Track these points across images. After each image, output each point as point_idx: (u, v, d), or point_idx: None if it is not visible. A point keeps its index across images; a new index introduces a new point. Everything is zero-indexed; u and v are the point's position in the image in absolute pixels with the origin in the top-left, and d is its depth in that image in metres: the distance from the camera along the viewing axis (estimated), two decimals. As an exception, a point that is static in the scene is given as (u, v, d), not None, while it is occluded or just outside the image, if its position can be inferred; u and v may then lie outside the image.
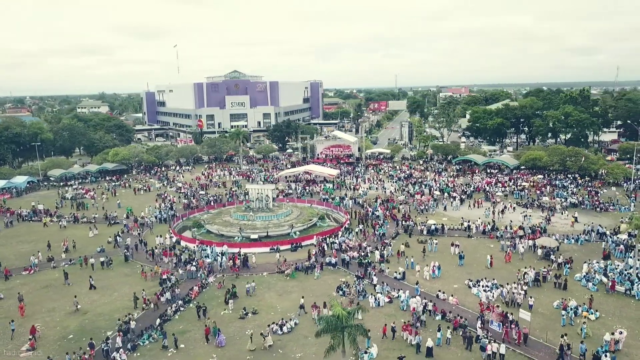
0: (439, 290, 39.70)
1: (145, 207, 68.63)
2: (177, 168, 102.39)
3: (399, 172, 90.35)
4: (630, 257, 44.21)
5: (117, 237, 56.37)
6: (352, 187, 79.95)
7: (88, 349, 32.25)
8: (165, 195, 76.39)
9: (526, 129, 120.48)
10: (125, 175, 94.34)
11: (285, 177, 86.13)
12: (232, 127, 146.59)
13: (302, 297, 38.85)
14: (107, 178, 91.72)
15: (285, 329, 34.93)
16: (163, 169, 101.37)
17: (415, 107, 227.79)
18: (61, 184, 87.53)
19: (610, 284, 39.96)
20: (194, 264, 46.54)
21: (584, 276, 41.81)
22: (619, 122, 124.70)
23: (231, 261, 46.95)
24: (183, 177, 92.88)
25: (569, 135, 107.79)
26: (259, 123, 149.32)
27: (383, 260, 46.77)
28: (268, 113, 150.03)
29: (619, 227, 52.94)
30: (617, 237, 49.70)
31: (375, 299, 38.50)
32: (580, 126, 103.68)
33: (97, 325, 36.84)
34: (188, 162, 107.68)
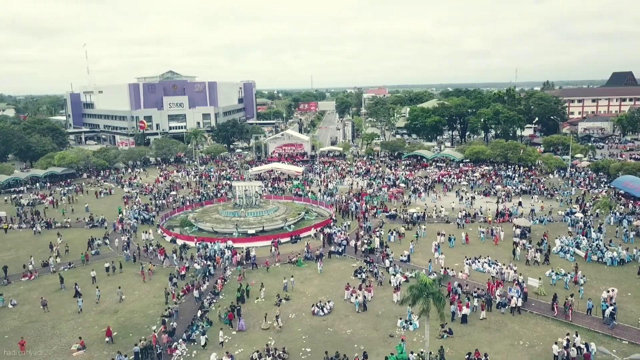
0: (448, 268, 44.23)
1: (116, 209, 67.69)
2: (129, 171, 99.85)
3: (355, 168, 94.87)
4: (594, 231, 51.61)
5: (106, 240, 55.59)
6: (319, 183, 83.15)
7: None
8: (131, 196, 75.31)
9: (458, 126, 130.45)
10: (72, 180, 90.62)
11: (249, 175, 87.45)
12: (170, 128, 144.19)
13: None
14: (61, 183, 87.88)
15: (325, 310, 37.58)
16: (114, 171, 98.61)
17: (344, 107, 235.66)
18: (11, 190, 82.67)
19: (584, 254, 46.70)
20: (201, 260, 47.63)
21: (561, 249, 48.35)
22: (535, 119, 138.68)
23: (236, 255, 48.42)
24: (140, 179, 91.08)
25: (498, 131, 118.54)
26: (199, 124, 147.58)
27: (383, 245, 50.54)
28: (208, 113, 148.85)
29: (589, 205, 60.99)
30: (575, 216, 57.36)
31: (396, 279, 42.10)
32: (509, 122, 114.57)
33: (135, 321, 37.21)
34: (135, 165, 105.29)
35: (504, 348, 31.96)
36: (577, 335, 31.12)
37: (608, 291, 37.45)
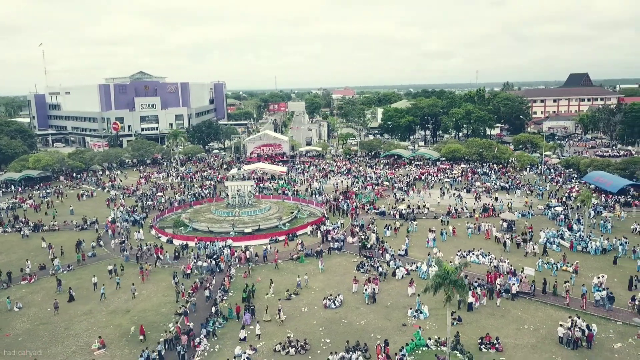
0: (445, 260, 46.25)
1: (100, 211, 67.49)
2: (107, 173, 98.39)
3: (337, 167, 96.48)
4: (575, 223, 54.88)
5: (100, 242, 55.25)
6: (303, 182, 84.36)
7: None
8: (115, 198, 74.71)
9: (430, 125, 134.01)
10: (49, 183, 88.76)
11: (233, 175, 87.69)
12: (142, 129, 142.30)
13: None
14: (37, 187, 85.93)
15: (336, 302, 38.91)
16: (91, 173, 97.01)
17: (313, 108, 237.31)
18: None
19: (569, 245, 49.72)
20: (205, 258, 48.22)
21: (547, 240, 51.25)
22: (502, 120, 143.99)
23: (245, 253, 49.21)
24: (121, 181, 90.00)
25: (469, 131, 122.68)
26: (171, 125, 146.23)
27: (379, 241, 52.23)
28: (181, 114, 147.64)
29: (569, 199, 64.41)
30: (555, 210, 60.66)
31: (400, 271, 43.82)
32: (480, 122, 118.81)
33: (150, 320, 37.53)
34: (111, 167, 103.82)
35: (511, 332, 34.08)
36: (579, 318, 33.53)
37: (598, 277, 40.29)
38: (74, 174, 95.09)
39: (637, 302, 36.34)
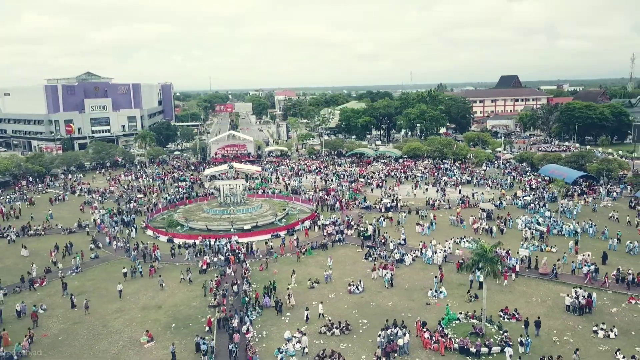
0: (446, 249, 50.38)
1: (78, 214, 67.05)
2: (70, 176, 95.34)
3: (306, 166, 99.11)
4: (547, 210, 61.04)
5: (98, 244, 54.84)
6: (277, 181, 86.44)
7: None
8: (92, 202, 73.42)
9: (384, 125, 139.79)
10: (5, 188, 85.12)
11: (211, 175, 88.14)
12: (93, 132, 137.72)
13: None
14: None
15: (360, 288, 41.79)
16: (52, 177, 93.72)
17: (260, 109, 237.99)
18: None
19: (546, 229, 55.44)
20: (216, 254, 49.63)
21: (525, 226, 56.78)
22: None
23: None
24: (89, 184, 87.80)
25: (422, 130, 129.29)
26: (124, 127, 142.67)
27: (376, 232, 55.63)
28: (134, 116, 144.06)
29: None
30: (525, 199, 66.80)
31: (407, 258, 47.39)
32: (434, 121, 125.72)
33: (185, 314, 38.67)
34: (70, 170, 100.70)
35: (523, 305, 38.43)
36: (580, 288, 38.54)
37: (583, 255, 45.82)
38: (36, 178, 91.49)
39: (619, 274, 41.94)
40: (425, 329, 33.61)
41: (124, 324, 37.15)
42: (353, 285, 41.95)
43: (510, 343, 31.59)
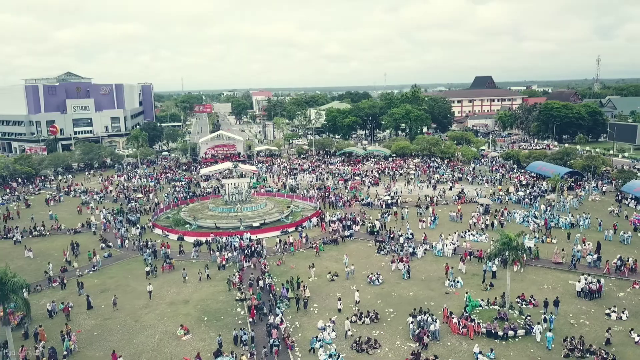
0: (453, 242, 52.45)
1: (77, 215, 67.27)
2: (60, 177, 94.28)
3: (299, 166, 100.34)
4: (543, 204, 63.93)
5: (108, 243, 55.00)
6: (276, 180, 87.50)
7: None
8: (89, 202, 73.14)
9: (370, 125, 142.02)
10: None
11: (206, 175, 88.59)
12: (75, 132, 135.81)
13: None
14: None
15: (380, 280, 43.42)
16: (42, 179, 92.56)
17: (240, 109, 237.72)
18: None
19: (542, 222, 58.19)
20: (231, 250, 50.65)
21: (523, 220, 59.46)
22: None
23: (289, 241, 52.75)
24: (82, 185, 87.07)
25: (406, 129, 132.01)
26: (106, 128, 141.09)
27: (384, 226, 57.41)
28: (117, 117, 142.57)
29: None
30: (518, 195, 69.70)
31: (419, 251, 49.28)
32: (418, 121, 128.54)
33: (215, 307, 39.56)
34: (58, 171, 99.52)
35: (536, 292, 40.65)
36: (589, 275, 41.10)
37: (584, 245, 48.56)
38: (24, 180, 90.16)
39: (620, 261, 44.72)
40: (452, 315, 35.44)
41: (156, 319, 37.81)
42: (374, 275, 43.53)
43: (536, 324, 33.65)
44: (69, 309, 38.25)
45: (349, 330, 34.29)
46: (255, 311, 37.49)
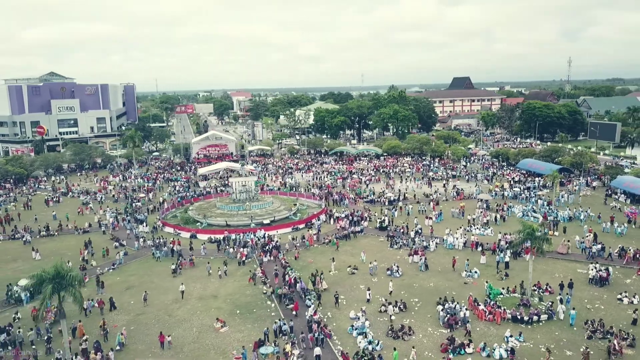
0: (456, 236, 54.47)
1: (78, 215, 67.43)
2: (53, 178, 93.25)
3: (293, 165, 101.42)
4: (539, 199, 66.65)
5: (122, 242, 55.26)
6: (274, 179, 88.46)
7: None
8: (89, 203, 72.92)
9: (357, 125, 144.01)
10: None
11: (203, 175, 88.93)
12: (60, 133, 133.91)
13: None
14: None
15: (399, 272, 45.04)
16: (34, 179, 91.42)
17: (222, 109, 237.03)
18: None
19: (542, 216, 60.82)
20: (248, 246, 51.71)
21: (523, 214, 62.00)
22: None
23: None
24: (79, 185, 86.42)
25: (394, 129, 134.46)
26: (92, 128, 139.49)
27: (391, 223, 59.13)
28: (103, 117, 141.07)
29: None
30: (514, 190, 72.40)
31: (432, 244, 51.15)
32: (406, 121, 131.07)
33: (245, 301, 40.51)
34: (49, 172, 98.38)
35: (549, 280, 42.84)
36: (597, 263, 43.61)
37: (586, 236, 51.22)
38: (16, 181, 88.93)
39: (622, 251, 47.43)
40: (477, 303, 37.28)
41: (189, 313, 38.57)
42: (393, 269, 45.12)
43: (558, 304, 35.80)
44: (103, 303, 38.70)
45: (393, 315, 36.16)
46: (280, 297, 38.49)
